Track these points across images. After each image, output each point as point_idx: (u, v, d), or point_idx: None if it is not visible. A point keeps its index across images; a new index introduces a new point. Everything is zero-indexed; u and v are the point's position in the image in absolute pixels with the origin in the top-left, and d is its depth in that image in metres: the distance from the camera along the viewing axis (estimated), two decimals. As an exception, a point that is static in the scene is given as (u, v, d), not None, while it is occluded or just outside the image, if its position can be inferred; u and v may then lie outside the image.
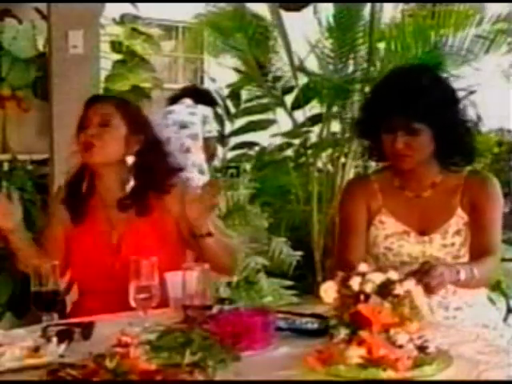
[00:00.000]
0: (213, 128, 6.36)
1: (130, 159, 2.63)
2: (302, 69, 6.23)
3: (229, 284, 4.94)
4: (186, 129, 6.14)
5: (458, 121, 2.42)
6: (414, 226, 2.46)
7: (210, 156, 6.45)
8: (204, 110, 6.27)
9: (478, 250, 2.39)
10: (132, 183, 2.62)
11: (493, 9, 6.27)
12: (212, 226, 2.49)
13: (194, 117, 6.19)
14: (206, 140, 6.25)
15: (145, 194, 2.62)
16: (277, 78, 6.36)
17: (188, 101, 6.31)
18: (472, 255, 2.42)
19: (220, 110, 7.13)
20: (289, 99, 6.40)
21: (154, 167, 2.64)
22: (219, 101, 7.05)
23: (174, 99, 6.48)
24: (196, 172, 6.12)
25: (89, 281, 2.63)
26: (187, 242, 2.59)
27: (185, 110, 6.23)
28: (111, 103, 2.67)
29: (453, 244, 2.44)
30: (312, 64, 6.35)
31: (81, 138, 2.61)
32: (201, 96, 6.45)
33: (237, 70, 6.66)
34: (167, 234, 2.61)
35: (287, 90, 6.44)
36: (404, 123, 2.37)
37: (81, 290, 2.69)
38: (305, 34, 6.02)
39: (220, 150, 7.12)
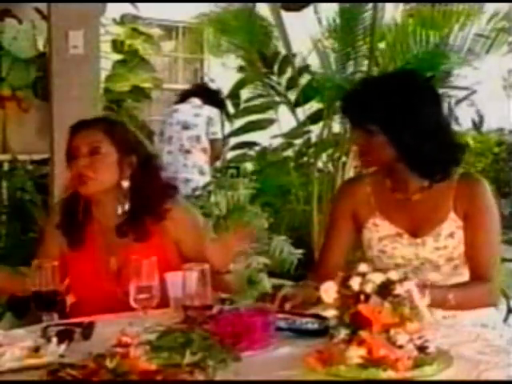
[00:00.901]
0: (218, 130, 6.35)
1: (125, 183, 2.57)
2: (304, 67, 6.22)
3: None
4: (187, 130, 6.14)
5: (417, 129, 2.38)
6: (407, 228, 2.46)
7: (215, 158, 6.45)
8: (209, 112, 6.27)
9: (473, 273, 2.41)
10: (127, 208, 2.57)
11: (491, 8, 6.27)
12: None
13: (198, 118, 6.19)
14: (212, 142, 6.25)
15: (142, 219, 2.57)
16: (282, 71, 6.32)
17: (196, 100, 6.30)
18: (470, 276, 2.43)
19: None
20: (292, 95, 6.38)
21: (149, 190, 2.59)
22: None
23: (183, 97, 6.47)
24: (196, 173, 6.12)
25: (90, 305, 2.54)
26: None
27: (190, 110, 6.22)
28: (98, 129, 2.58)
29: (445, 247, 2.44)
30: (313, 64, 6.35)
31: (72, 169, 2.55)
32: (210, 96, 6.44)
33: (240, 68, 6.65)
34: (167, 259, 2.50)
35: (291, 86, 6.42)
36: (359, 122, 2.42)
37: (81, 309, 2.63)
38: (305, 34, 6.02)
39: (220, 150, 7.12)
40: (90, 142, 2.55)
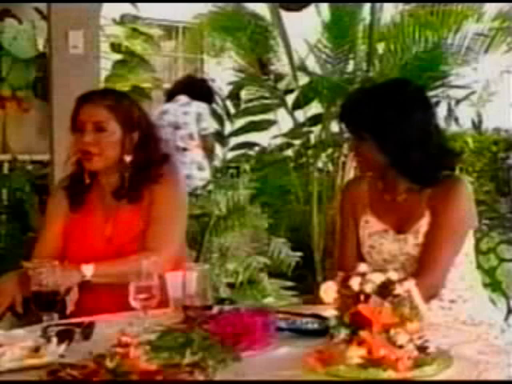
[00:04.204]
0: (209, 125, 6.34)
1: (128, 157, 2.66)
2: (302, 68, 6.22)
3: (232, 284, 4.94)
4: (180, 130, 6.13)
5: (403, 138, 2.45)
6: (392, 225, 2.55)
7: (209, 154, 6.44)
8: (198, 108, 6.25)
9: (418, 266, 2.43)
10: (128, 175, 2.68)
11: (490, 7, 6.27)
12: None
13: (188, 116, 6.18)
14: (203, 138, 6.24)
15: (139, 184, 2.67)
16: (279, 78, 6.35)
17: (183, 98, 6.27)
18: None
19: (220, 110, 7.13)
20: (290, 99, 6.39)
21: (148, 162, 2.69)
22: (217, 96, 7.02)
23: (171, 95, 6.45)
24: (195, 169, 6.12)
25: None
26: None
27: (178, 109, 6.21)
28: (105, 105, 2.65)
29: None
30: (312, 64, 6.34)
31: (78, 143, 2.65)
32: (197, 90, 6.41)
33: (238, 70, 6.65)
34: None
35: (289, 90, 6.43)
36: (352, 129, 2.57)
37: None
38: (305, 34, 6.02)
39: (220, 150, 7.11)
40: (96, 119, 2.63)
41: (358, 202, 2.64)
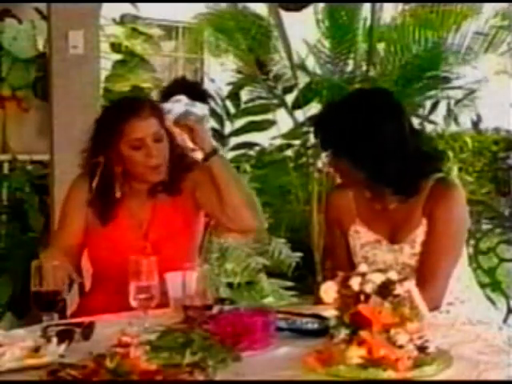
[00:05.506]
0: (210, 126, 6.35)
1: None
2: (302, 68, 6.22)
3: (230, 285, 4.95)
4: None
5: (377, 151, 2.40)
6: (385, 235, 2.50)
7: None
8: (203, 110, 6.26)
9: (417, 276, 2.34)
10: (166, 170, 2.64)
11: (490, 7, 6.28)
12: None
13: None
14: None
15: (179, 175, 2.66)
16: (278, 77, 6.35)
17: (184, 98, 6.26)
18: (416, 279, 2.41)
19: (220, 110, 7.13)
20: (289, 98, 6.39)
21: (182, 149, 2.71)
22: (217, 96, 7.02)
23: (167, 94, 6.43)
24: None
25: (116, 273, 2.56)
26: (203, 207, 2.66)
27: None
28: (150, 115, 2.60)
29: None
30: (311, 64, 6.34)
31: (137, 160, 2.58)
32: (194, 90, 6.40)
33: (238, 72, 6.65)
34: (194, 215, 2.68)
35: (288, 90, 6.42)
36: (326, 147, 2.52)
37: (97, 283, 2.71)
38: (304, 34, 6.02)
39: (220, 150, 7.11)
40: (153, 131, 2.59)
41: (343, 213, 2.58)
